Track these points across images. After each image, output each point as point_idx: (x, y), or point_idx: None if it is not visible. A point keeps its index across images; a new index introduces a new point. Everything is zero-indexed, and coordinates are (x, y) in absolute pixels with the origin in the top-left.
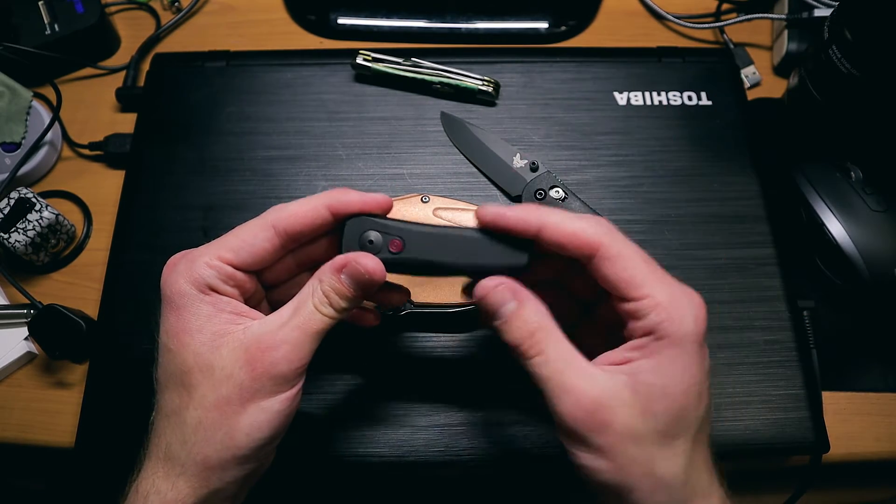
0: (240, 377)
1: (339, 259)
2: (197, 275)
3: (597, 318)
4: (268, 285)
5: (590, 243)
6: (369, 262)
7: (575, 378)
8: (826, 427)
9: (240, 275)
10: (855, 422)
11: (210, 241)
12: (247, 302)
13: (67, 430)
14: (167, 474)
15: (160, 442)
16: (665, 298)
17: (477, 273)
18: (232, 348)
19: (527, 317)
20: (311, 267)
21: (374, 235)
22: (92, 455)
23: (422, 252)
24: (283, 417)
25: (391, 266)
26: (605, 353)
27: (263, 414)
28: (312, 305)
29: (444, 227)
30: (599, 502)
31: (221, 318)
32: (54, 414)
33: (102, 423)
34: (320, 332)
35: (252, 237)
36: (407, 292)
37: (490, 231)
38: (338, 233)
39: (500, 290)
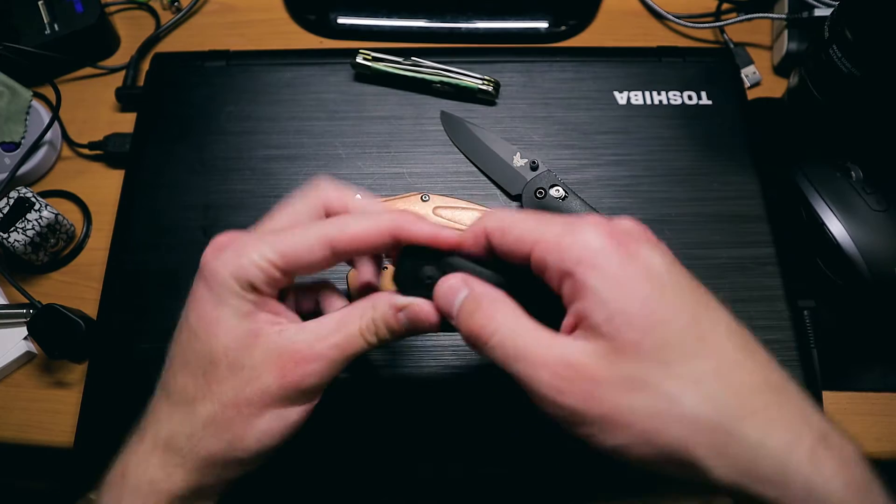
0: (267, 381)
1: (401, 300)
2: (243, 272)
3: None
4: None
5: (482, 234)
6: (430, 313)
7: (540, 348)
8: None
9: (283, 278)
10: (855, 422)
11: (210, 238)
12: (279, 295)
13: (67, 430)
14: (164, 463)
15: (160, 429)
16: (550, 236)
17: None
18: (265, 350)
19: (478, 298)
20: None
21: (431, 271)
22: (91, 455)
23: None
24: (294, 428)
25: None
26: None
27: (279, 422)
28: (358, 330)
29: (504, 273)
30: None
31: (259, 317)
32: (53, 414)
33: (102, 423)
34: (355, 355)
35: (308, 250)
36: None
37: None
38: (398, 256)
39: (451, 284)
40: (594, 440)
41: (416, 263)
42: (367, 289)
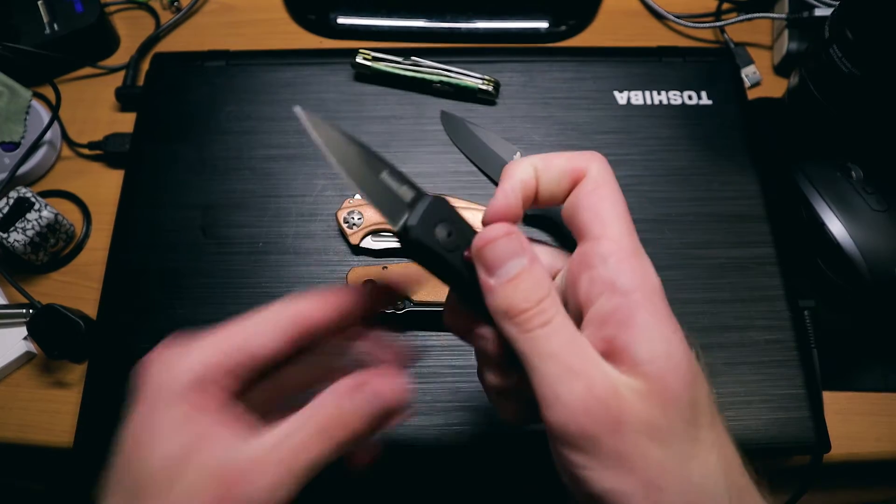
0: (205, 500)
1: (357, 379)
2: (184, 367)
3: None
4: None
5: (578, 168)
6: (392, 390)
7: (585, 358)
8: (827, 427)
9: (238, 371)
10: (856, 422)
11: (209, 240)
12: (243, 391)
13: (66, 431)
14: None
15: None
16: (629, 247)
17: None
18: (200, 468)
19: (539, 277)
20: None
21: (447, 228)
22: (91, 455)
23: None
24: None
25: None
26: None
27: None
28: (307, 436)
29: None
30: None
31: (201, 427)
32: (53, 414)
33: (101, 424)
34: (308, 469)
35: (263, 350)
36: (404, 292)
37: None
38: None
39: (512, 240)
40: (586, 473)
41: (435, 215)
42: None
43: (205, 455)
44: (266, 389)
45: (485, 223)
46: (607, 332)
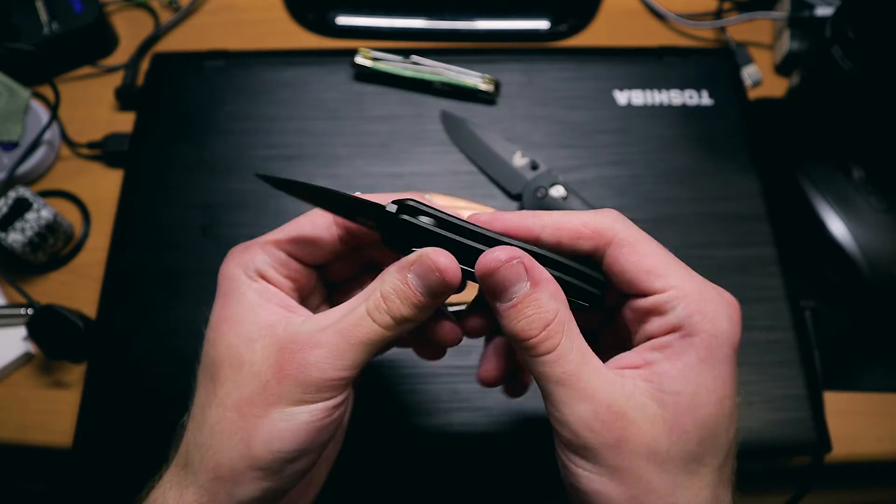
0: (265, 376)
1: (410, 256)
2: (248, 258)
3: (600, 339)
4: (330, 283)
5: (600, 231)
6: (443, 260)
7: (593, 381)
8: (828, 427)
9: (295, 264)
10: (857, 422)
11: (209, 240)
12: (304, 300)
13: (66, 431)
14: (179, 482)
15: (182, 444)
16: (695, 290)
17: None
18: (266, 344)
19: (543, 303)
20: (377, 267)
21: (426, 218)
22: (90, 455)
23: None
24: (311, 432)
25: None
26: (617, 356)
27: (286, 423)
28: (364, 310)
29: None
30: None
31: (266, 309)
32: (52, 414)
33: (101, 424)
34: (368, 343)
35: (312, 226)
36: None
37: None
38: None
39: (515, 266)
40: (581, 472)
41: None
42: None
43: (273, 332)
44: (320, 292)
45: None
46: (652, 357)
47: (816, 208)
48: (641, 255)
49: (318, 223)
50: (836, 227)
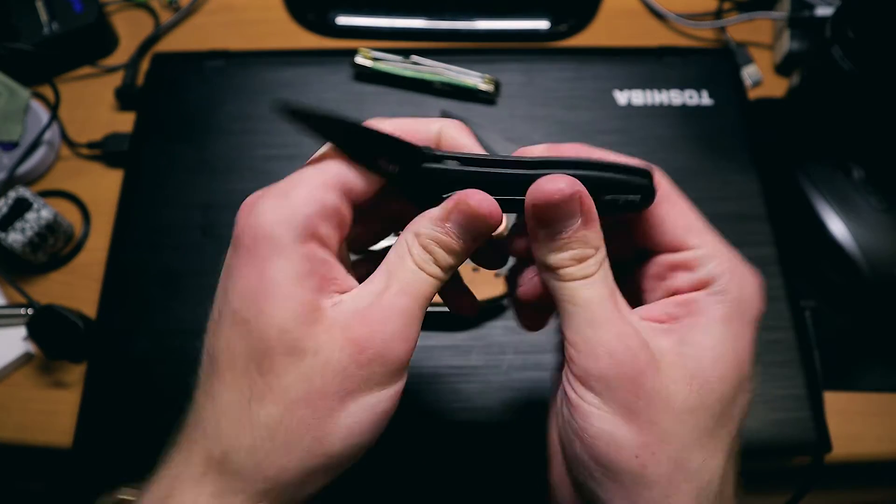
0: (342, 363)
1: (442, 207)
2: (293, 210)
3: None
4: (353, 250)
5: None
6: (484, 201)
7: (620, 314)
8: (828, 427)
9: (346, 211)
10: (857, 422)
11: (209, 240)
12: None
13: (66, 431)
14: (219, 492)
15: (211, 445)
16: (726, 253)
17: (598, 188)
18: (328, 326)
19: (590, 239)
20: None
21: (452, 164)
22: (90, 455)
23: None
24: (385, 421)
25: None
26: (639, 308)
27: (367, 413)
28: (414, 264)
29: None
30: (588, 489)
31: (315, 282)
32: (52, 414)
33: (100, 424)
34: (429, 297)
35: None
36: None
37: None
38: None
39: (574, 200)
40: (592, 411)
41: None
42: None
43: (329, 313)
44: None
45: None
46: (676, 311)
47: (816, 208)
48: (680, 211)
49: (360, 183)
50: (836, 227)
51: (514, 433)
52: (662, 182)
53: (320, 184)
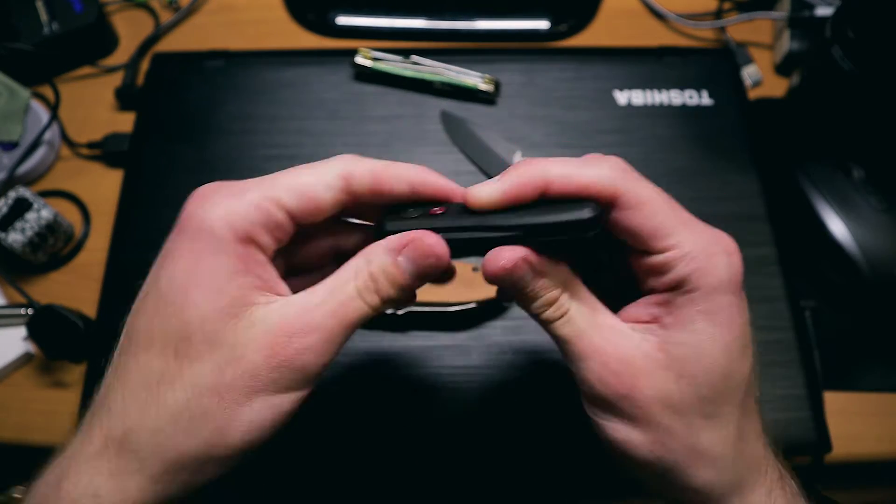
0: (255, 361)
1: (399, 238)
2: (239, 216)
3: (605, 278)
4: (291, 270)
5: (605, 192)
6: (436, 244)
7: (601, 338)
8: (828, 427)
9: (289, 227)
10: (857, 422)
11: None
12: (280, 250)
13: (66, 431)
14: (116, 470)
15: (113, 424)
16: (694, 247)
17: (538, 234)
18: (251, 323)
19: (549, 284)
20: (345, 255)
21: (413, 209)
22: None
23: (468, 218)
24: (285, 420)
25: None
26: (626, 308)
27: (270, 411)
28: (355, 290)
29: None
30: (638, 483)
31: (248, 280)
32: (52, 415)
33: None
34: (356, 323)
35: (317, 183)
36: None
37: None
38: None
39: (519, 267)
40: (605, 423)
41: (397, 209)
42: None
43: (256, 311)
44: (295, 255)
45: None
46: (657, 311)
47: (816, 208)
48: (645, 216)
49: (325, 183)
50: (836, 227)
51: (514, 433)
52: (627, 187)
53: (271, 197)
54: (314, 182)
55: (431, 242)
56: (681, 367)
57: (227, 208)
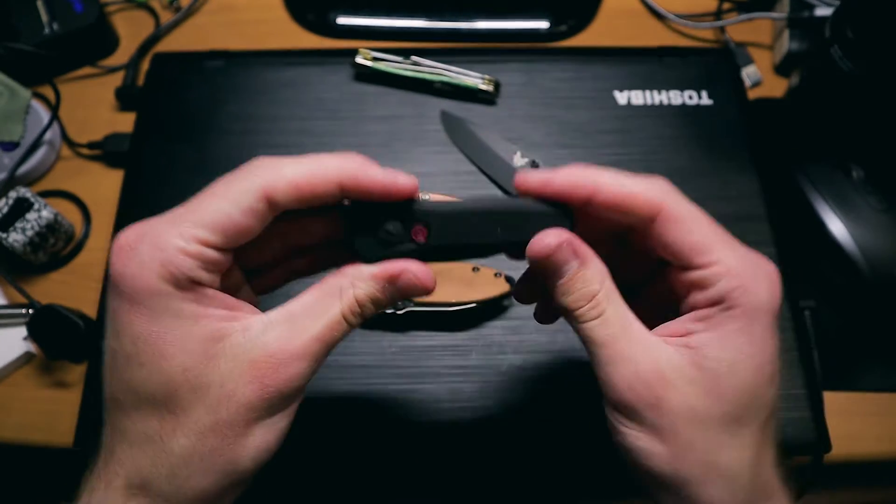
0: (246, 395)
1: (389, 267)
2: (173, 267)
3: (645, 294)
4: (249, 269)
5: (651, 204)
6: (424, 276)
7: (634, 345)
8: (828, 427)
9: (221, 257)
10: (856, 422)
11: None
12: (223, 285)
13: (66, 431)
14: None
15: (130, 473)
16: (737, 265)
17: (515, 248)
18: (232, 358)
19: (589, 277)
20: (302, 248)
21: (392, 226)
22: (91, 456)
23: (451, 236)
24: (287, 431)
25: (414, 257)
26: (662, 325)
27: (271, 433)
28: (340, 313)
29: (473, 200)
30: (649, 496)
31: (210, 317)
32: (53, 414)
33: (101, 424)
34: (337, 343)
35: (236, 212)
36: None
37: (524, 199)
38: (342, 215)
39: (564, 249)
40: (626, 430)
41: (372, 222)
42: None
43: (234, 343)
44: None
45: (530, 188)
46: (694, 327)
47: (816, 208)
48: (687, 231)
49: (244, 206)
50: (836, 227)
51: (514, 433)
52: (669, 201)
53: (195, 237)
54: (233, 211)
55: (422, 277)
56: (711, 383)
57: (158, 262)
